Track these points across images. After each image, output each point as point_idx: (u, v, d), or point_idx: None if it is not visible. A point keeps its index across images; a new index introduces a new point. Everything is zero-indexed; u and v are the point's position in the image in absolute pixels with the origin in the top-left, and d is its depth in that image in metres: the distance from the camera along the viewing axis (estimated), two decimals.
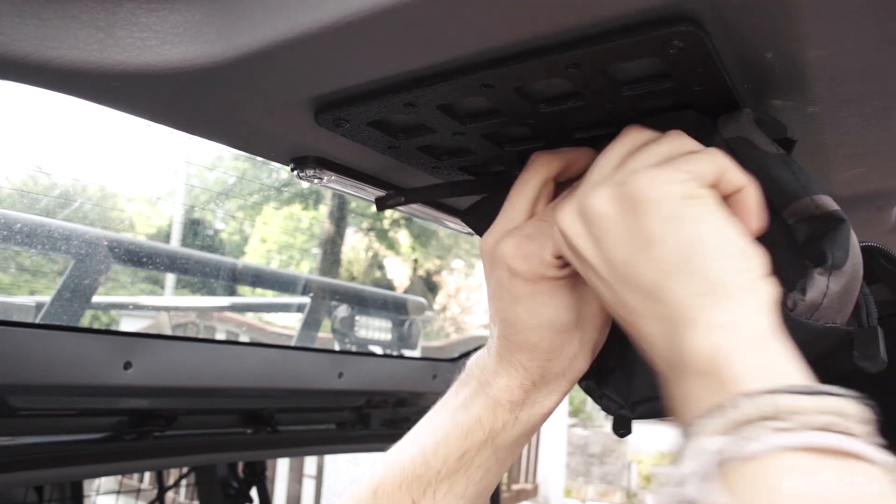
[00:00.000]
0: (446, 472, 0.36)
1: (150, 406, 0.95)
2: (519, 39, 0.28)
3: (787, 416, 0.22)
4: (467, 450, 0.36)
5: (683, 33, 0.26)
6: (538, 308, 0.35)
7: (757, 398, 0.23)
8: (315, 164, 0.45)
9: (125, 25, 0.32)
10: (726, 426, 0.23)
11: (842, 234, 0.30)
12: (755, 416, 0.22)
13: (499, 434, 0.37)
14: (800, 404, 0.22)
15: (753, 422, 0.22)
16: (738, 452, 0.22)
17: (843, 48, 0.28)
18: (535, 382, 0.37)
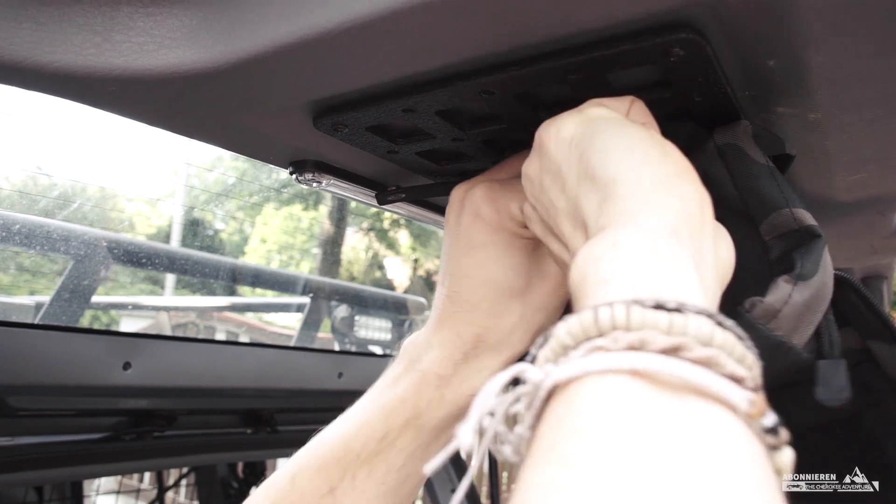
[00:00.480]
0: (366, 456, 0.34)
1: (149, 406, 0.95)
2: (519, 46, 0.28)
3: (614, 333, 0.17)
4: (389, 430, 0.34)
5: (684, 41, 0.26)
6: (489, 261, 0.34)
7: (582, 315, 0.18)
8: (314, 168, 0.45)
9: (122, 30, 0.32)
10: (552, 351, 0.18)
11: (815, 249, 0.29)
12: (576, 335, 0.18)
13: (423, 413, 0.34)
14: (634, 319, 0.17)
15: (575, 344, 0.18)
16: (546, 382, 0.18)
17: (844, 54, 0.28)
18: (466, 354, 0.35)
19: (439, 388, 0.35)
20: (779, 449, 0.16)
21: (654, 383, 0.16)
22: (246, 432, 1.11)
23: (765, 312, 0.28)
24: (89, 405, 0.90)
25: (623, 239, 0.20)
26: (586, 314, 0.18)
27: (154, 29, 0.32)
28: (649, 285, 0.19)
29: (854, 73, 0.30)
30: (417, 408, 0.34)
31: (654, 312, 0.17)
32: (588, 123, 0.27)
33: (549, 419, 0.17)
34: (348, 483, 0.33)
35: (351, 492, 0.33)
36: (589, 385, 0.17)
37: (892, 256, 0.68)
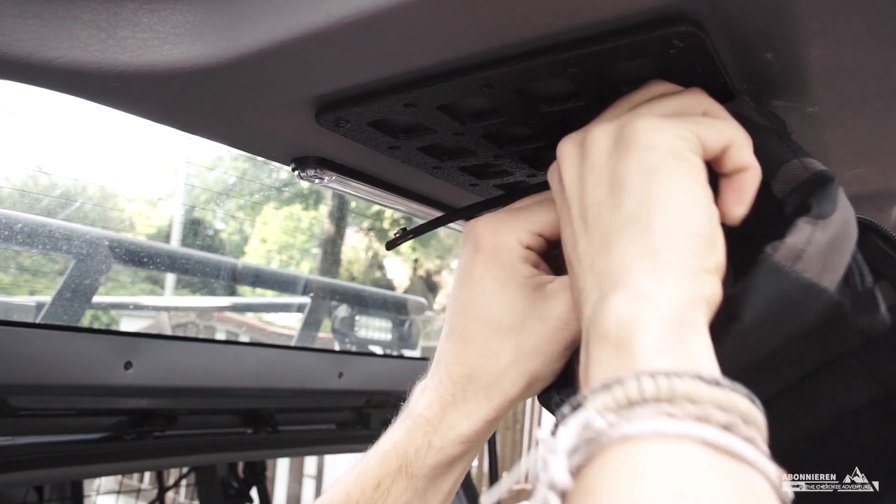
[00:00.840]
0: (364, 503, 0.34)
1: (150, 406, 0.95)
2: (519, 40, 0.28)
3: (681, 402, 0.20)
4: (382, 478, 0.34)
5: (683, 33, 0.26)
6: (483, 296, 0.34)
7: (655, 377, 0.20)
8: (316, 165, 0.45)
9: (127, 26, 0.32)
10: (615, 402, 0.21)
11: (830, 190, 0.28)
12: (647, 395, 0.20)
13: (412, 461, 0.34)
14: (697, 392, 0.20)
15: (643, 402, 0.20)
16: (615, 431, 0.20)
17: (842, 48, 0.28)
18: (455, 395, 0.34)
19: (427, 434, 0.34)
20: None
21: (712, 451, 0.19)
22: (246, 432, 1.11)
23: (788, 253, 0.27)
24: (90, 405, 0.90)
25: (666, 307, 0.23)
26: (661, 380, 0.21)
27: (158, 25, 0.32)
28: (690, 361, 0.22)
29: (852, 67, 0.30)
30: (407, 455, 0.34)
31: (715, 388, 0.20)
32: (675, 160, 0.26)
33: (616, 471, 0.19)
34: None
35: None
36: (658, 445, 0.20)
37: None
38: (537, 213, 0.34)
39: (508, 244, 0.34)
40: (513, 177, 0.46)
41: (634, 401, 0.20)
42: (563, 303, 0.33)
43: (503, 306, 0.34)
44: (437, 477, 0.35)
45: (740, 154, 0.28)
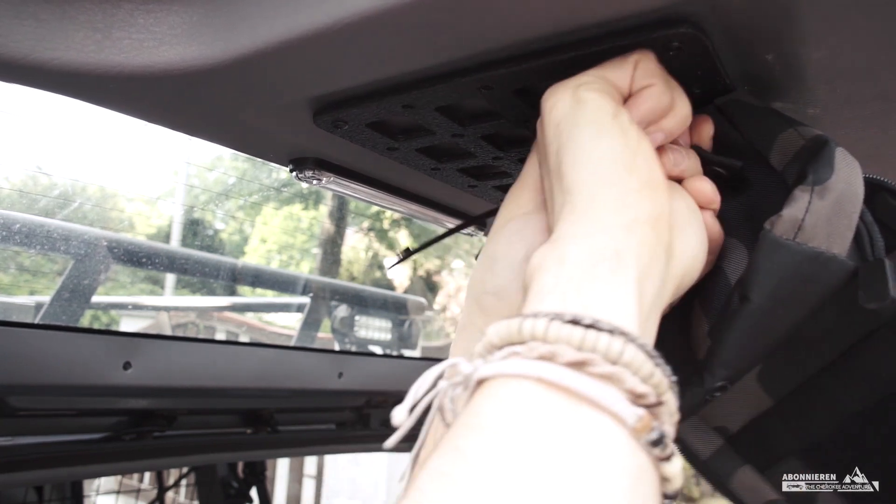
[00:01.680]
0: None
1: (149, 406, 0.95)
2: (518, 41, 0.28)
3: (530, 342, 0.19)
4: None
5: (683, 35, 0.26)
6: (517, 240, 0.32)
7: (513, 320, 0.20)
8: (314, 166, 0.45)
9: (123, 27, 0.32)
10: (483, 346, 0.21)
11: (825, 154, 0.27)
12: (502, 338, 0.20)
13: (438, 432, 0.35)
14: (547, 331, 0.19)
15: (500, 346, 0.20)
16: (475, 374, 0.20)
17: (842, 50, 0.28)
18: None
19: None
20: (667, 460, 0.19)
21: (556, 392, 0.18)
22: (246, 432, 1.11)
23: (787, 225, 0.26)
24: (89, 405, 0.90)
25: (570, 255, 0.22)
26: (515, 321, 0.20)
27: (154, 26, 0.32)
28: (579, 303, 0.21)
29: (852, 69, 0.30)
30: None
31: (570, 327, 0.19)
32: (575, 111, 0.26)
33: (463, 412, 0.19)
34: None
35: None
36: (498, 386, 0.19)
37: None
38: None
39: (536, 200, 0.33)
40: (512, 178, 0.45)
41: (494, 344, 0.20)
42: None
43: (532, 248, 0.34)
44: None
45: (643, 75, 0.27)
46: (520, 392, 0.18)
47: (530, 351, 0.19)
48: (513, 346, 0.20)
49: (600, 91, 0.26)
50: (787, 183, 0.28)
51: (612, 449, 0.18)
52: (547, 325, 0.19)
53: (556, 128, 0.26)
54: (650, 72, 0.28)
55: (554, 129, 0.26)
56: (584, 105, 0.26)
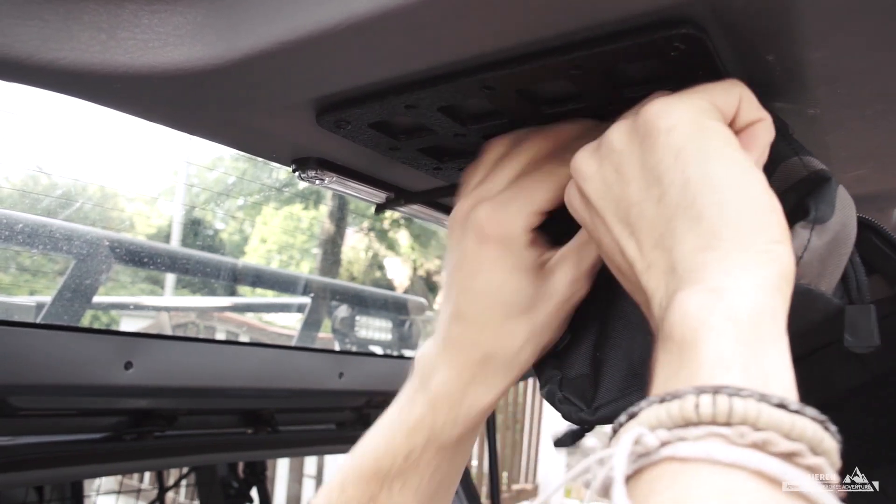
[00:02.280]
0: (396, 471, 0.36)
1: (150, 406, 0.95)
2: (520, 42, 0.28)
3: (739, 426, 0.18)
4: (412, 450, 0.36)
5: (685, 36, 0.26)
6: (496, 283, 0.34)
7: (715, 394, 0.18)
8: (316, 166, 0.45)
9: (127, 27, 0.32)
10: (670, 418, 0.19)
11: (827, 191, 0.28)
12: (703, 415, 0.18)
13: (440, 434, 0.36)
14: (759, 415, 0.18)
15: (698, 422, 0.18)
16: (665, 450, 0.18)
17: (843, 50, 0.28)
18: (475, 374, 0.35)
19: (452, 410, 0.36)
20: None
21: (771, 484, 0.17)
22: (246, 432, 1.11)
23: None
24: (90, 405, 0.90)
25: (741, 314, 0.21)
26: (720, 399, 0.18)
27: (159, 26, 0.32)
28: (762, 377, 0.19)
29: (853, 69, 0.30)
30: (434, 429, 0.36)
31: (779, 412, 0.18)
32: (702, 141, 0.24)
33: (659, 494, 0.18)
34: (386, 493, 0.36)
35: (389, 499, 0.36)
36: (710, 473, 0.18)
37: None
38: (538, 192, 0.34)
39: (516, 232, 0.34)
40: None
41: (690, 419, 0.19)
42: (564, 276, 0.34)
43: (515, 292, 0.34)
44: (463, 441, 0.37)
45: (750, 107, 0.27)
46: (739, 485, 0.17)
47: (741, 437, 0.18)
48: (716, 425, 0.18)
49: (721, 121, 0.25)
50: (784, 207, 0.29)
51: None
52: (758, 409, 0.18)
53: (678, 155, 0.24)
54: (756, 104, 0.27)
55: (674, 155, 0.24)
56: (712, 135, 0.24)
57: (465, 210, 0.35)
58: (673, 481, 0.18)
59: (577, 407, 0.36)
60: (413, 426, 0.36)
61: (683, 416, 0.19)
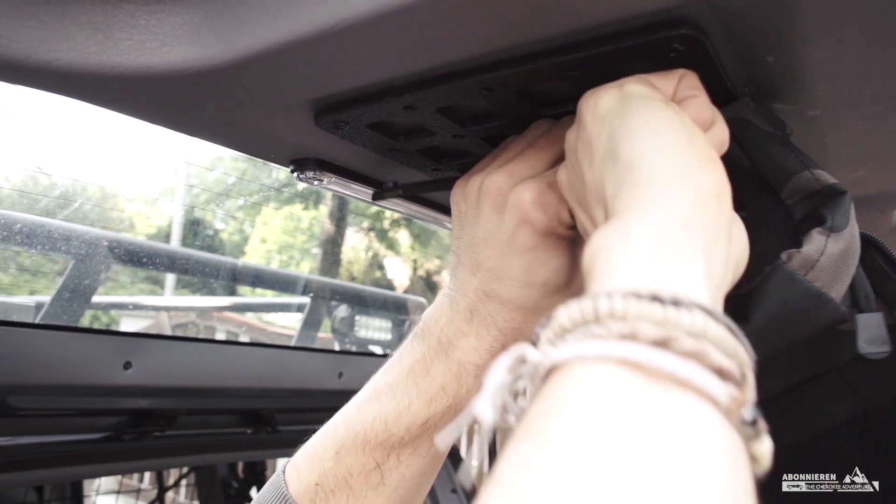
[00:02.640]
0: (409, 439, 0.35)
1: (150, 406, 0.95)
2: (519, 43, 0.28)
3: (607, 322, 0.18)
4: (430, 416, 0.35)
5: (684, 37, 0.26)
6: (537, 265, 0.33)
7: (584, 300, 0.18)
8: (315, 166, 0.45)
9: (124, 28, 0.32)
10: (552, 331, 0.19)
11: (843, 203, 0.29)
12: (575, 319, 0.18)
13: (463, 401, 0.35)
14: (626, 309, 0.17)
15: (573, 327, 0.18)
16: (546, 360, 0.18)
17: (843, 51, 0.28)
18: (505, 345, 0.34)
19: (478, 377, 0.35)
20: (757, 439, 0.17)
21: (641, 373, 0.17)
22: (246, 432, 1.11)
23: (802, 262, 0.28)
24: (90, 405, 0.90)
25: (635, 230, 0.21)
26: (586, 301, 0.18)
27: (156, 27, 0.32)
28: (652, 278, 0.19)
29: (852, 70, 0.30)
30: (458, 396, 0.35)
31: (650, 304, 0.17)
32: (624, 101, 0.26)
33: (538, 399, 0.18)
34: (394, 460, 0.35)
35: (397, 466, 0.35)
36: (577, 370, 0.17)
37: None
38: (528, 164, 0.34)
39: (559, 220, 0.33)
40: None
41: (566, 327, 0.19)
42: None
43: (557, 270, 0.34)
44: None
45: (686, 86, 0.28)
46: (603, 375, 0.17)
47: (608, 331, 0.17)
48: (587, 326, 0.18)
49: (647, 85, 0.27)
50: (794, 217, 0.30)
51: (707, 429, 0.16)
52: (625, 303, 0.18)
53: (604, 119, 0.26)
54: (694, 85, 0.28)
55: (600, 120, 0.26)
56: (633, 94, 0.26)
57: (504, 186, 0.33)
58: (548, 390, 0.18)
59: None
60: (434, 394, 0.35)
61: (561, 326, 0.19)
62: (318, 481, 0.35)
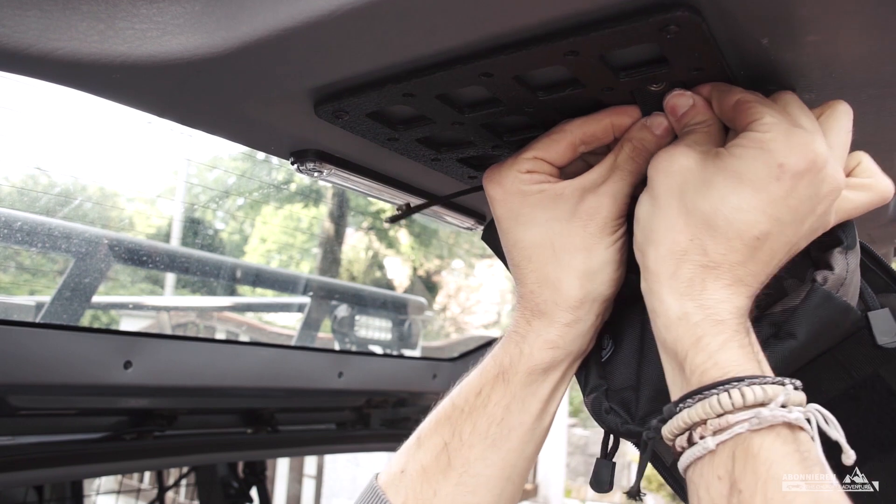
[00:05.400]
0: (468, 410, 0.39)
1: (150, 406, 0.95)
2: (517, 27, 0.29)
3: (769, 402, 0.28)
4: (483, 386, 0.39)
5: (680, 18, 0.26)
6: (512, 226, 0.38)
7: (786, 384, 0.28)
8: (315, 158, 0.45)
9: (126, 17, 0.32)
10: (712, 408, 0.29)
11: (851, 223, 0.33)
12: (753, 400, 0.28)
13: (507, 369, 0.39)
14: (773, 391, 0.28)
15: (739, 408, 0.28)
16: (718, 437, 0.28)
17: (837, 34, 0.29)
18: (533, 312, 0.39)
19: (518, 344, 0.39)
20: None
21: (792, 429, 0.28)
22: (246, 432, 1.11)
23: (835, 282, 0.32)
24: (90, 404, 0.90)
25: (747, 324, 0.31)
26: (788, 387, 0.29)
27: (157, 16, 0.32)
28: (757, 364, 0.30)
29: (847, 54, 0.30)
30: (502, 364, 0.39)
31: (775, 387, 0.29)
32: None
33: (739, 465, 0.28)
34: (457, 438, 0.39)
35: (460, 446, 0.38)
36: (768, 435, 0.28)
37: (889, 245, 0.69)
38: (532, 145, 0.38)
39: (509, 179, 0.37)
40: None
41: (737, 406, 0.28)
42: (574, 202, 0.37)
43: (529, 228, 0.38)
44: (532, 383, 0.39)
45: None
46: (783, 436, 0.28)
47: (773, 408, 0.28)
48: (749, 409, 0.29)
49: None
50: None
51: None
52: (771, 389, 0.29)
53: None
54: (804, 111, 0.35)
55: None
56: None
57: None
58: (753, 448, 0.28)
59: (623, 419, 0.37)
60: (486, 363, 0.40)
61: (723, 406, 0.29)
62: (403, 468, 0.39)
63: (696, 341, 0.30)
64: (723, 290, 0.31)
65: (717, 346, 0.30)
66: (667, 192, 0.32)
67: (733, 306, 0.31)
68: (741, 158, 0.30)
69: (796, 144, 0.30)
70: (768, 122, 0.30)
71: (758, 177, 0.30)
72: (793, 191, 0.30)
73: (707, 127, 0.33)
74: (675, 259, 0.32)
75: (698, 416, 0.29)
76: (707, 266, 0.31)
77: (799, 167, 0.30)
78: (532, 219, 0.37)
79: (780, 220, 0.30)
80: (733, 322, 0.30)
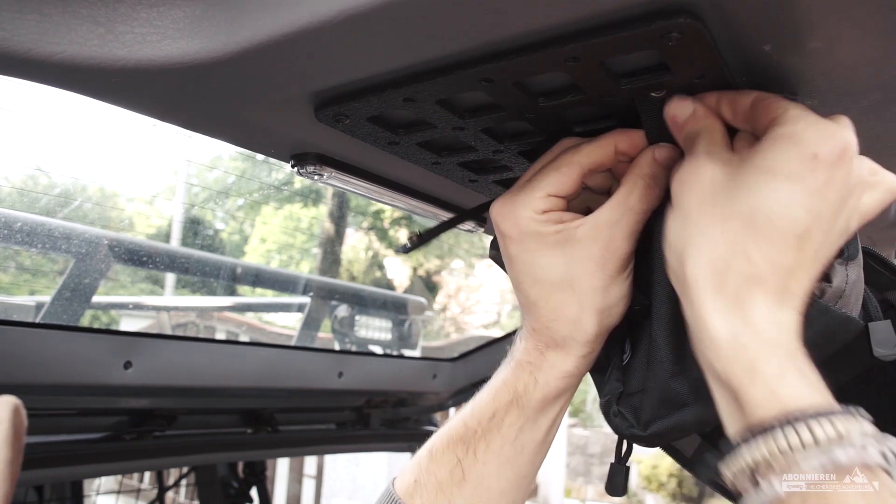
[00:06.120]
0: (482, 432, 0.39)
1: (150, 406, 0.95)
2: (518, 33, 0.28)
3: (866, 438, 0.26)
4: (496, 410, 0.40)
5: (682, 25, 0.26)
6: (528, 266, 0.38)
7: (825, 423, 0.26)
8: (315, 161, 0.45)
9: (125, 21, 0.32)
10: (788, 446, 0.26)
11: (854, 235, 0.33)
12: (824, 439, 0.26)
13: (521, 396, 0.39)
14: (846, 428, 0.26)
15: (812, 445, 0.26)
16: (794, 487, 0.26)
17: (840, 41, 0.28)
18: (548, 344, 0.39)
19: (532, 373, 0.40)
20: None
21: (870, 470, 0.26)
22: (246, 432, 1.11)
23: (834, 295, 0.32)
24: (90, 404, 0.90)
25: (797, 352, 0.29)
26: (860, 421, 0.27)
27: (157, 19, 0.32)
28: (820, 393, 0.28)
29: (849, 60, 0.30)
30: (517, 390, 0.40)
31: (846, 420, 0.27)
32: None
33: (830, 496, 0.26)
34: (471, 455, 0.39)
35: (474, 463, 0.39)
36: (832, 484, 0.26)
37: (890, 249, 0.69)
38: (542, 180, 0.37)
39: (524, 219, 0.37)
40: (512, 172, 0.46)
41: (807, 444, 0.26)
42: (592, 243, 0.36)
43: (547, 267, 0.37)
44: (546, 407, 0.40)
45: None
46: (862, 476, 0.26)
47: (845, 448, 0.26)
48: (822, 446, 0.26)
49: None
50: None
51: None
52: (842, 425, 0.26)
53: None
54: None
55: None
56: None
57: (490, 213, 0.39)
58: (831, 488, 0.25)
59: (629, 423, 0.38)
60: (498, 388, 0.40)
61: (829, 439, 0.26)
62: (417, 478, 0.40)
63: (751, 368, 0.27)
64: (773, 306, 0.28)
65: (773, 373, 0.27)
66: (699, 205, 0.30)
67: (786, 323, 0.28)
68: (773, 152, 0.29)
69: (827, 134, 0.29)
70: (794, 114, 0.29)
71: (793, 170, 0.28)
72: (829, 182, 0.28)
73: (711, 133, 0.32)
74: (717, 274, 0.29)
75: (762, 455, 0.26)
76: (753, 278, 0.28)
77: (833, 156, 0.28)
78: (550, 259, 0.37)
79: (819, 214, 0.29)
80: (788, 343, 0.28)
